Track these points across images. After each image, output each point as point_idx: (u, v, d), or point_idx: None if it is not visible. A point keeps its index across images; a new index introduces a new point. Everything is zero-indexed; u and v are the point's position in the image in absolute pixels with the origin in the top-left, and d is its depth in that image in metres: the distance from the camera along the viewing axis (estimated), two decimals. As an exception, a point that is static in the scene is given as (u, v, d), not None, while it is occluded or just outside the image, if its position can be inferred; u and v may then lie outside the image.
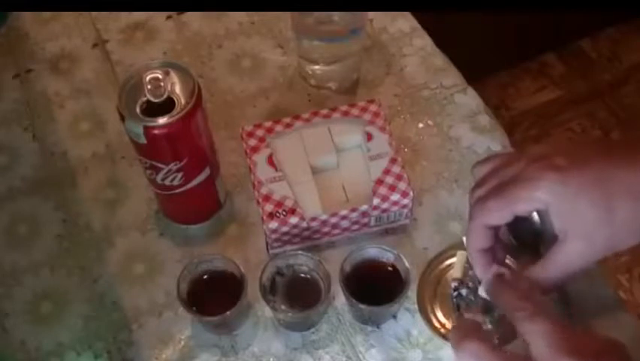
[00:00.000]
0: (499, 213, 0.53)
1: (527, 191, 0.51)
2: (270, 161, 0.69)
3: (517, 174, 0.53)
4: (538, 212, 0.55)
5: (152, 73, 0.60)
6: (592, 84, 1.78)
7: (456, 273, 0.64)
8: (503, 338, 0.56)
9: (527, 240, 0.57)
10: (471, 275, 0.64)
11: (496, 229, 0.55)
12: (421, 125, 0.78)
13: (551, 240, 0.54)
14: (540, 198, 0.51)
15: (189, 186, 0.65)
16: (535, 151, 0.54)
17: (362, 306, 0.61)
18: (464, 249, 0.64)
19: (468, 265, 0.64)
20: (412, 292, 0.65)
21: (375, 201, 0.66)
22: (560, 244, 0.52)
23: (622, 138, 0.56)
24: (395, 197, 0.66)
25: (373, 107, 0.72)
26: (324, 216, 0.66)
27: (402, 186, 0.66)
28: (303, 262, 0.64)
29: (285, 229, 0.66)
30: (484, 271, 0.56)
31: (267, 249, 0.69)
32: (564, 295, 0.65)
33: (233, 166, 0.75)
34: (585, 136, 1.70)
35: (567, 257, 0.53)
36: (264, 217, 0.66)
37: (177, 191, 0.65)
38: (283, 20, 0.86)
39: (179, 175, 0.64)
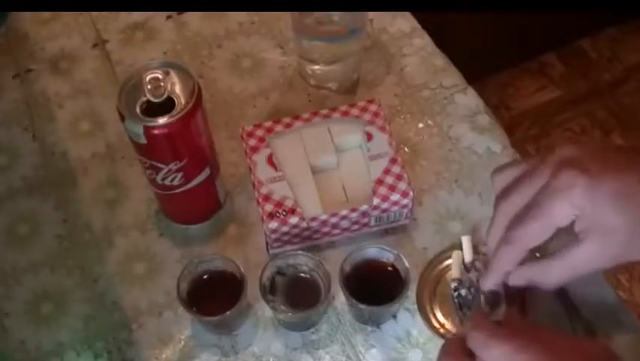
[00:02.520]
0: (544, 233, 0.52)
1: (565, 201, 0.51)
2: (270, 161, 0.69)
3: (547, 184, 0.52)
4: None
5: (152, 73, 0.60)
6: (592, 84, 1.78)
7: (454, 273, 0.64)
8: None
9: None
10: (469, 276, 0.64)
11: None
12: (421, 125, 0.78)
13: (556, 242, 0.54)
14: (577, 205, 0.50)
15: (189, 186, 0.65)
16: (562, 154, 0.53)
17: (362, 306, 0.61)
18: (461, 249, 0.65)
19: (464, 266, 0.65)
20: (411, 292, 0.65)
21: (375, 201, 0.66)
22: (578, 245, 0.52)
23: None
24: (395, 197, 0.66)
25: (373, 107, 0.72)
26: (324, 216, 0.66)
27: (402, 186, 0.66)
28: (303, 262, 0.64)
29: (285, 229, 0.66)
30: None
31: (267, 249, 0.69)
32: (565, 296, 0.65)
33: (233, 166, 0.75)
34: (585, 136, 1.70)
35: (579, 259, 0.52)
36: (264, 217, 0.66)
37: (177, 191, 0.65)
38: (283, 20, 0.86)
39: (179, 175, 0.64)
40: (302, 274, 0.65)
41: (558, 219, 0.52)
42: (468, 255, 0.65)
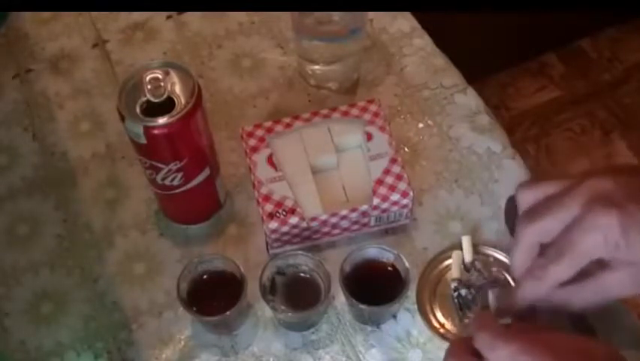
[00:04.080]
0: (573, 270, 0.52)
1: (600, 238, 0.50)
2: (270, 161, 0.69)
3: (579, 218, 0.51)
4: None
5: (152, 73, 0.60)
6: (592, 84, 1.78)
7: (454, 273, 0.64)
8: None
9: None
10: (469, 276, 0.64)
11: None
12: (421, 125, 0.78)
13: None
14: (612, 242, 0.50)
15: (189, 186, 0.65)
16: (594, 187, 0.52)
17: (362, 306, 0.61)
18: (461, 249, 0.65)
19: (464, 266, 0.65)
20: (411, 292, 0.65)
21: (375, 201, 0.66)
22: (610, 272, 0.52)
23: None
24: (395, 197, 0.66)
25: (373, 107, 0.72)
26: (324, 216, 0.66)
27: (402, 186, 0.66)
28: (303, 262, 0.64)
29: (285, 229, 0.66)
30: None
31: (267, 249, 0.69)
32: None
33: (233, 166, 0.75)
34: (585, 136, 1.70)
35: (611, 285, 0.52)
36: (264, 217, 0.66)
37: (177, 191, 0.65)
38: (283, 20, 0.86)
39: (179, 175, 0.64)
40: (302, 274, 0.65)
41: (590, 256, 0.51)
42: (468, 255, 0.65)
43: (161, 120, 0.58)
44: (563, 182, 0.54)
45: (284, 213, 0.65)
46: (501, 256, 0.66)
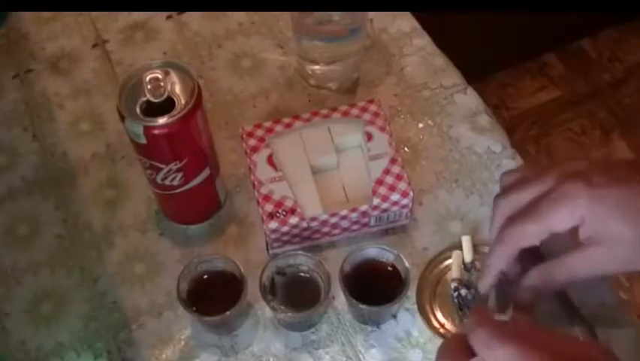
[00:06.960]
0: (537, 235, 0.53)
1: (566, 209, 0.51)
2: (270, 161, 0.69)
3: (550, 190, 0.53)
4: None
5: (152, 73, 0.60)
6: (592, 84, 1.78)
7: (454, 273, 0.64)
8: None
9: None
10: (469, 276, 0.64)
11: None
12: (421, 125, 0.78)
13: (557, 247, 0.54)
14: (577, 215, 0.51)
15: (189, 186, 0.65)
16: (568, 167, 0.54)
17: (362, 306, 0.61)
18: (461, 249, 0.65)
19: (464, 266, 0.65)
20: (411, 292, 0.65)
21: (375, 201, 0.66)
22: (582, 249, 0.53)
23: None
24: (395, 197, 0.66)
25: (373, 107, 0.72)
26: (324, 216, 0.66)
27: (402, 186, 0.66)
28: (303, 262, 0.64)
29: (285, 229, 0.66)
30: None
31: (267, 249, 0.69)
32: (565, 296, 0.65)
33: (233, 166, 0.75)
34: (585, 136, 1.70)
35: (584, 262, 0.53)
36: (264, 217, 0.66)
37: (177, 191, 0.65)
38: (283, 20, 0.86)
39: (179, 175, 0.64)
40: (302, 274, 0.65)
41: (555, 225, 0.52)
42: (468, 255, 0.65)
43: (161, 120, 0.58)
44: (540, 168, 0.56)
45: (284, 213, 0.65)
46: (501, 256, 0.66)
